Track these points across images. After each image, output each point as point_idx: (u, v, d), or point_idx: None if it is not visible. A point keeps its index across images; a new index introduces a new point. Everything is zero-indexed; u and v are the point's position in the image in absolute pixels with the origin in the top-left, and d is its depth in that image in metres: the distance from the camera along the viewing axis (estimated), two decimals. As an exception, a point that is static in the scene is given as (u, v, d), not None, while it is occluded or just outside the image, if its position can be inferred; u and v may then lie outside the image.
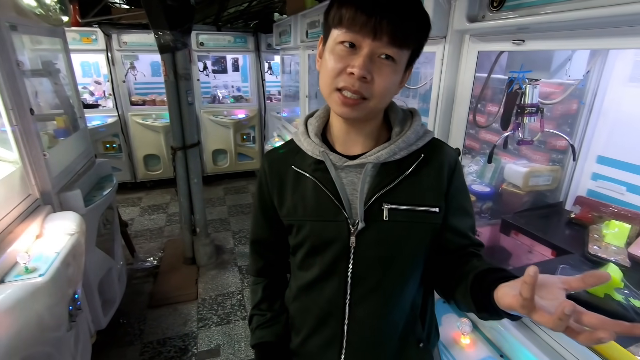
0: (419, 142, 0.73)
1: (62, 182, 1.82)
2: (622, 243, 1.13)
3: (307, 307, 0.82)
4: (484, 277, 0.63)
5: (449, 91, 1.17)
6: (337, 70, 0.64)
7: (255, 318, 0.89)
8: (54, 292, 1.26)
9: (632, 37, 0.71)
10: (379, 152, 0.71)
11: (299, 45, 2.63)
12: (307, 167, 0.75)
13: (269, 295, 0.90)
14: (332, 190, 0.72)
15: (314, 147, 0.75)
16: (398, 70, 0.65)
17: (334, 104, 0.67)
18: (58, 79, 2.18)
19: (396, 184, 0.71)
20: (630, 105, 1.26)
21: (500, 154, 1.65)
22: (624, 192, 1.30)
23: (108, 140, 4.13)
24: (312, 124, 0.79)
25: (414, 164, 0.72)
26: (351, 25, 0.61)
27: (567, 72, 1.01)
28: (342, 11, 0.62)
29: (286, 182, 0.78)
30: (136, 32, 3.90)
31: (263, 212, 0.84)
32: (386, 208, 0.70)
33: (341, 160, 0.73)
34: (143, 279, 2.79)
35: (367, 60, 0.62)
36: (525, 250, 1.33)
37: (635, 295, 0.89)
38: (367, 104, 0.65)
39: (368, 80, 0.62)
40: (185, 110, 2.58)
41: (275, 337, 0.86)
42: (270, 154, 0.84)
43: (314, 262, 0.78)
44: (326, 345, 0.80)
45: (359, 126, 0.73)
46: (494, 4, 0.92)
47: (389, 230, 0.72)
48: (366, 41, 0.61)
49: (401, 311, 0.78)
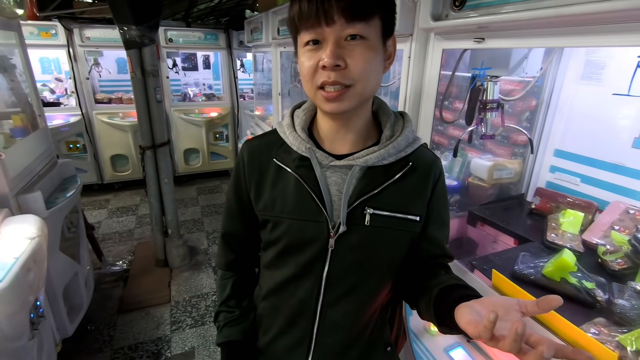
0: (407, 149, 0.72)
1: (21, 183, 1.72)
2: (576, 230, 1.21)
3: (277, 307, 0.80)
4: (448, 293, 0.65)
5: (416, 88, 1.21)
6: (312, 69, 0.62)
7: (222, 315, 0.85)
8: (12, 299, 1.19)
9: (582, 36, 0.76)
10: (368, 156, 0.69)
11: (271, 43, 2.61)
12: (290, 162, 0.72)
13: (238, 292, 0.86)
14: (315, 189, 0.70)
15: (300, 142, 0.72)
16: (372, 45, 0.62)
17: (321, 103, 0.65)
18: (14, 75, 2.06)
19: (381, 190, 0.69)
20: (582, 102, 1.35)
21: (467, 149, 1.71)
22: (579, 183, 1.39)
23: (71, 140, 3.94)
24: (299, 117, 0.75)
25: (402, 171, 0.70)
26: (303, 23, 0.61)
27: (524, 69, 1.07)
28: (292, 13, 0.62)
29: (266, 175, 0.74)
30: (100, 27, 3.73)
31: (238, 203, 0.80)
32: (369, 213, 0.69)
33: (327, 159, 0.71)
34: (112, 283, 2.69)
35: (335, 48, 0.59)
36: (490, 240, 1.39)
37: (588, 278, 0.96)
38: (353, 91, 0.63)
39: (343, 67, 0.60)
40: (154, 108, 2.51)
41: (243, 335, 0.83)
42: (250, 142, 0.80)
43: (287, 261, 0.75)
44: (294, 346, 0.78)
45: (347, 123, 0.71)
46: (456, 3, 0.96)
47: (369, 235, 0.70)
48: (323, 30, 0.60)
49: (372, 315, 0.78)
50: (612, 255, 1.06)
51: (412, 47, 1.16)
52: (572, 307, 0.92)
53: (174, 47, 4.24)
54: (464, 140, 1.34)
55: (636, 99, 1.12)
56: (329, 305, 0.74)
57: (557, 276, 0.97)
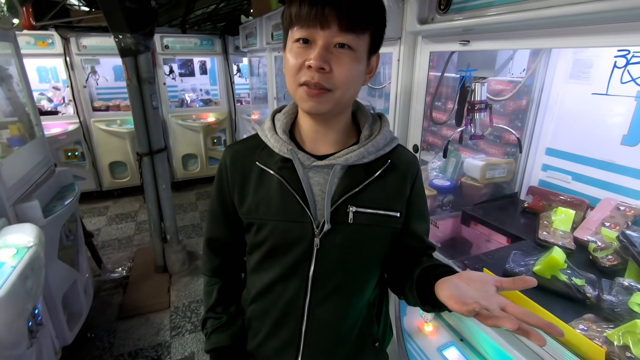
0: (386, 147, 0.75)
1: (19, 193, 1.73)
2: (568, 228, 1.22)
3: (266, 309, 0.80)
4: (429, 272, 0.69)
5: (406, 90, 1.22)
6: (297, 66, 0.64)
7: (209, 322, 0.85)
8: (10, 307, 1.20)
9: (564, 37, 0.78)
10: (348, 155, 0.71)
11: (265, 47, 2.63)
12: (273, 164, 0.73)
13: (225, 298, 0.86)
14: (299, 190, 0.71)
15: (282, 144, 0.73)
16: (358, 57, 0.64)
17: (300, 100, 0.67)
18: (10, 85, 2.08)
19: (362, 187, 0.71)
20: (571, 101, 1.36)
21: (461, 149, 1.73)
22: (570, 181, 1.40)
23: (70, 148, 3.95)
24: (279, 120, 0.77)
25: (381, 169, 0.73)
26: (299, 21, 0.62)
27: (510, 70, 1.09)
28: (290, 9, 0.64)
29: (249, 179, 0.75)
30: (96, 35, 3.75)
31: (222, 208, 0.81)
32: (351, 211, 0.71)
33: (309, 160, 0.72)
34: (112, 290, 2.70)
35: (323, 51, 0.61)
36: (484, 240, 1.40)
37: (577, 274, 0.97)
38: (332, 95, 0.65)
39: (327, 70, 0.62)
40: (150, 115, 2.52)
41: (232, 340, 0.83)
42: (232, 147, 0.81)
43: (273, 263, 0.76)
44: (284, 347, 0.79)
45: (327, 123, 0.73)
46: (441, 7, 0.97)
47: (353, 233, 0.72)
48: (317, 32, 0.61)
49: (359, 312, 0.79)
50: (602, 251, 1.07)
51: (401, 50, 1.17)
52: (563, 304, 0.93)
53: (170, 53, 4.26)
54: (455, 140, 1.35)
55: (625, 97, 1.13)
56: (317, 304, 0.75)
57: (548, 274, 0.98)
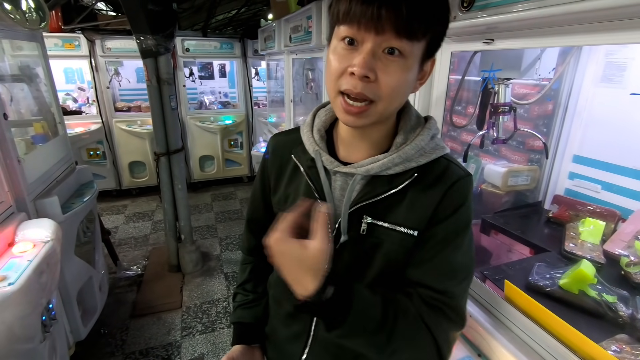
0: (420, 159, 0.65)
1: (39, 188, 1.78)
2: (597, 240, 1.14)
3: (279, 299, 0.83)
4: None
5: (425, 92, 1.18)
6: (339, 72, 0.58)
7: (238, 296, 0.92)
8: (25, 301, 1.22)
9: (596, 34, 0.73)
10: (370, 165, 0.65)
11: (283, 50, 2.63)
12: (304, 161, 0.73)
13: (255, 277, 0.92)
14: (321, 193, 0.70)
15: (311, 143, 0.72)
16: (409, 65, 0.57)
17: (338, 111, 0.62)
18: (36, 84, 2.15)
19: (381, 199, 0.66)
20: (602, 106, 1.29)
21: (481, 155, 1.66)
22: (600, 191, 1.32)
23: (92, 147, 4.07)
24: (320, 117, 0.75)
25: (405, 183, 0.64)
26: (349, 19, 0.55)
27: (536, 71, 1.03)
28: (340, 4, 0.56)
29: (285, 170, 0.77)
30: (120, 37, 3.87)
31: (262, 191, 0.84)
32: (365, 222, 0.67)
33: (332, 164, 0.69)
34: (126, 287, 2.73)
35: (369, 57, 0.55)
36: (505, 250, 1.34)
37: (608, 290, 0.90)
38: (374, 109, 0.58)
39: (372, 79, 0.56)
40: (169, 115, 2.56)
41: (255, 319, 0.89)
42: (277, 137, 0.84)
43: None
44: (293, 338, 0.80)
45: (365, 132, 0.68)
46: (464, 4, 0.93)
47: (362, 244, 0.68)
48: (366, 35, 0.55)
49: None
50: (636, 267, 1.00)
51: (421, 51, 1.13)
52: (592, 322, 0.86)
53: (190, 56, 4.34)
54: (476, 145, 1.29)
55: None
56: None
57: (575, 288, 0.92)
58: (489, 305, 1.00)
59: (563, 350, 0.80)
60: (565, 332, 0.79)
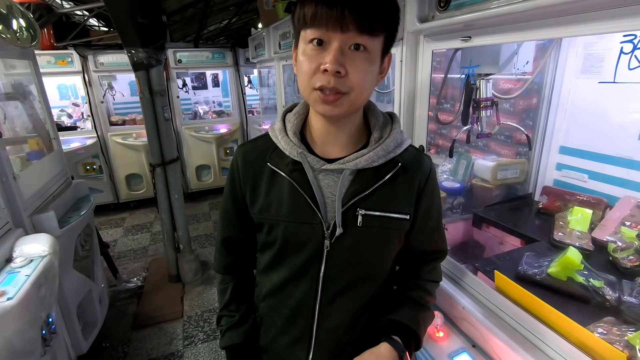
0: (397, 150, 0.74)
1: (36, 204, 1.79)
2: (585, 228, 1.16)
3: (276, 308, 0.82)
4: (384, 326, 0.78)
5: (409, 91, 1.20)
6: (312, 71, 0.63)
7: (224, 319, 0.88)
8: (24, 315, 1.22)
9: (566, 26, 0.74)
10: (358, 159, 0.71)
11: (273, 57, 2.66)
12: (284, 166, 0.74)
13: (237, 296, 0.88)
14: (309, 192, 0.71)
15: (292, 147, 0.73)
16: (372, 59, 0.64)
17: (315, 103, 0.66)
18: (30, 102, 2.17)
19: (372, 191, 0.71)
20: (584, 96, 1.31)
21: (471, 150, 1.69)
22: (587, 180, 1.35)
23: (88, 162, 4.08)
24: (290, 121, 0.77)
25: (391, 172, 0.72)
26: (315, 22, 0.61)
27: (514, 65, 1.06)
28: (305, 10, 0.62)
29: (261, 179, 0.76)
30: (112, 52, 3.90)
31: (234, 207, 0.82)
32: (360, 214, 0.71)
33: (319, 163, 0.72)
34: (127, 300, 2.73)
35: (338, 54, 0.61)
36: (496, 242, 1.35)
37: (595, 276, 0.92)
38: (347, 98, 0.64)
39: (343, 74, 0.62)
40: (163, 126, 2.58)
41: (245, 337, 0.85)
42: (243, 147, 0.82)
43: (284, 263, 0.77)
44: (295, 344, 0.80)
45: (339, 124, 0.72)
46: (441, 4, 0.96)
47: (362, 236, 0.72)
48: (333, 34, 0.60)
49: (369, 311, 0.80)
50: (623, 252, 1.02)
51: (403, 51, 1.16)
52: (580, 307, 0.88)
53: (183, 67, 4.38)
54: (461, 140, 1.32)
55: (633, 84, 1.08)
56: (327, 303, 0.76)
57: (563, 275, 0.94)
58: (481, 297, 1.02)
59: (553, 336, 0.81)
60: (554, 318, 0.81)
